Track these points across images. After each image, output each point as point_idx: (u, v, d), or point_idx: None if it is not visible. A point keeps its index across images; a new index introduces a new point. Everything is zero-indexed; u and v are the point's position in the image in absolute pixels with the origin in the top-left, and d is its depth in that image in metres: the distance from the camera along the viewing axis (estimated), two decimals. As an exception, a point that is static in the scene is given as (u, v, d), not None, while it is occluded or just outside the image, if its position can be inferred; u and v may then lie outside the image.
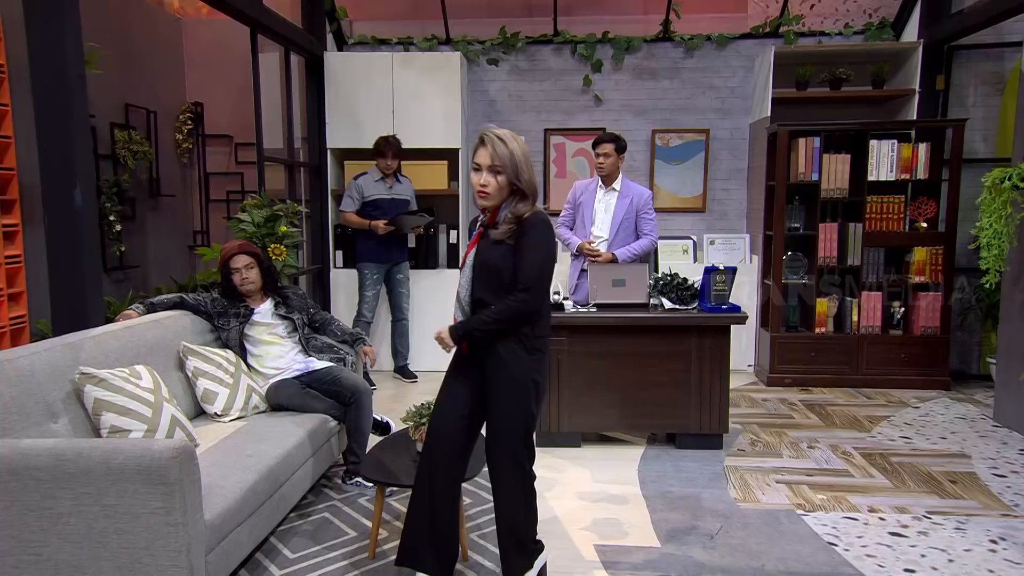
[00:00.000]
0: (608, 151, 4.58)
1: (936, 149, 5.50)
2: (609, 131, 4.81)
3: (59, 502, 2.18)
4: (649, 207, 4.67)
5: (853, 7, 6.25)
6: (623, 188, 4.69)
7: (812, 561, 2.91)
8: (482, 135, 2.44)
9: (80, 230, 3.09)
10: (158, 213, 6.19)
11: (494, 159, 2.40)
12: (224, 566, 2.48)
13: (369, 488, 3.58)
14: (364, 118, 6.00)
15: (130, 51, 5.80)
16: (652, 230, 4.67)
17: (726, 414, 4.14)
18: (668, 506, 3.44)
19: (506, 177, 2.41)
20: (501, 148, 2.40)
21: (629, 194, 4.67)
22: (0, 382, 2.37)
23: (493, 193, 2.43)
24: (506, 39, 6.34)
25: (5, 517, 2.19)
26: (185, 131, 6.45)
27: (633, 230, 4.67)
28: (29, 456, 2.18)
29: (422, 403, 3.06)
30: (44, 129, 3.04)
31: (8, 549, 2.20)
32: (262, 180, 5.06)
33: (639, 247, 4.62)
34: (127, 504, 2.18)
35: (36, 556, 2.21)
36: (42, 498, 2.18)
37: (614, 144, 4.59)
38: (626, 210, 4.64)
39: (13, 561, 2.21)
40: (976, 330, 5.96)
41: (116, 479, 2.17)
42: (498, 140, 2.41)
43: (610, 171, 4.64)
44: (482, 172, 2.42)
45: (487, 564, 2.86)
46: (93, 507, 2.18)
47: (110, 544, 2.20)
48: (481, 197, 2.45)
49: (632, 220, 4.65)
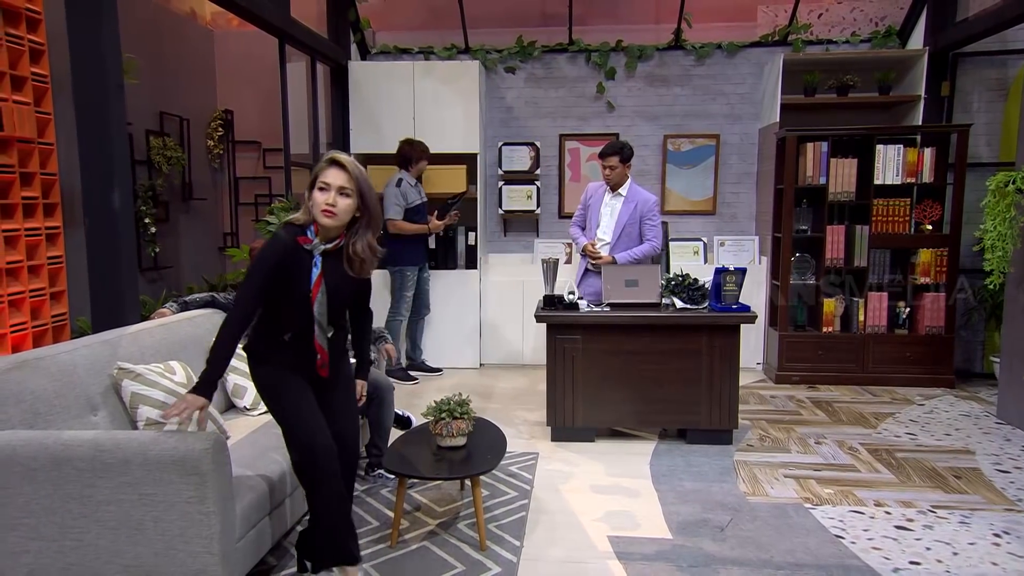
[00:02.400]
0: (614, 163, 4.54)
1: (941, 153, 5.45)
2: (615, 141, 4.75)
3: (98, 491, 2.22)
4: (653, 213, 4.61)
5: (860, 16, 6.19)
6: (629, 193, 4.64)
7: (820, 553, 2.90)
8: (333, 158, 2.42)
9: (118, 232, 3.13)
10: (190, 216, 6.25)
11: (346, 181, 2.39)
12: (253, 553, 2.50)
13: (391, 480, 3.60)
14: (386, 124, 6.03)
15: (165, 62, 5.86)
16: (655, 236, 4.60)
17: (736, 410, 4.13)
18: (679, 499, 3.44)
19: (353, 201, 2.41)
20: (355, 170, 2.41)
21: (635, 200, 4.61)
22: (43, 377, 2.41)
23: (340, 214, 2.40)
24: (523, 48, 6.35)
25: (49, 504, 2.23)
26: (216, 137, 6.50)
27: (637, 235, 4.61)
28: (71, 447, 2.21)
29: (442, 399, 3.08)
30: (85, 136, 3.08)
31: (52, 534, 2.24)
32: (289, 184, 5.10)
33: (640, 252, 4.56)
34: (162, 493, 2.21)
35: (77, 541, 2.24)
36: (83, 487, 2.21)
37: (619, 155, 4.54)
38: (630, 215, 4.59)
39: (56, 546, 2.25)
40: (980, 329, 5.90)
41: (152, 469, 2.20)
42: (350, 163, 2.42)
43: (617, 180, 4.61)
44: (330, 191, 2.38)
45: (504, 554, 2.87)
46: (131, 496, 2.21)
47: (146, 531, 2.23)
48: (327, 216, 2.39)
49: (636, 225, 4.60)
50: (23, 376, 2.34)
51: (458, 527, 3.12)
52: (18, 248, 3.84)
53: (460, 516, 3.23)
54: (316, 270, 2.44)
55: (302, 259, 2.44)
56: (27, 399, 2.33)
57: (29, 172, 3.92)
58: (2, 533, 2.24)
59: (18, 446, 2.21)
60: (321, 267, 2.45)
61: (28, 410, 2.33)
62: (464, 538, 3.01)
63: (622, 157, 4.56)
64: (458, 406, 3.05)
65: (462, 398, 3.10)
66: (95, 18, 3.03)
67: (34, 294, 3.92)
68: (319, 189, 2.40)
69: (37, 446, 2.21)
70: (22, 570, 2.26)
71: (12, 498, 2.23)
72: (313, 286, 2.43)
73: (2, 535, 2.24)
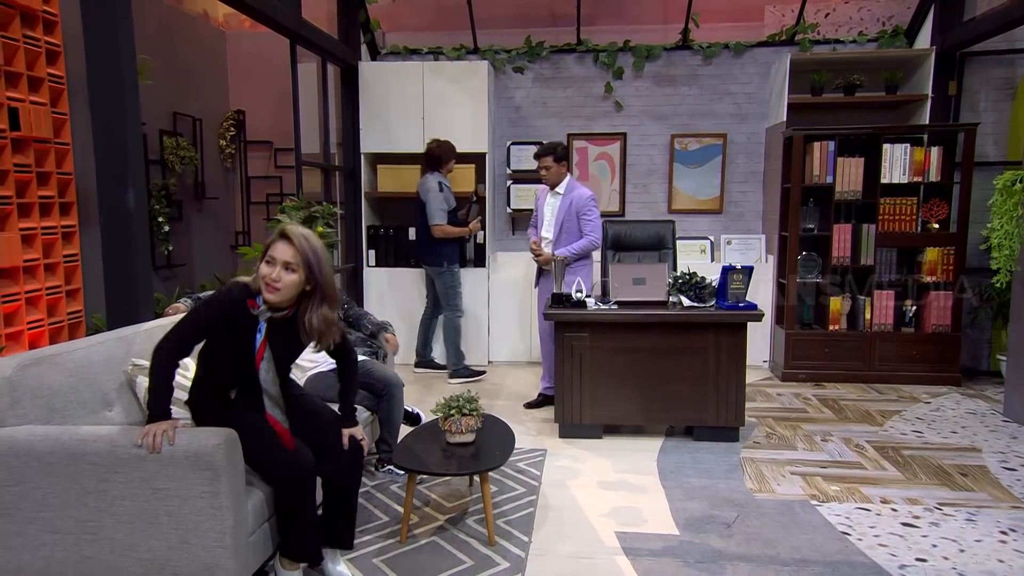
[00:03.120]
0: (548, 163, 4.62)
1: (948, 152, 5.41)
2: (548, 143, 4.78)
3: (114, 485, 2.23)
4: (588, 208, 4.63)
5: (867, 15, 6.16)
6: (566, 190, 4.70)
7: (826, 550, 2.89)
8: (283, 231, 2.38)
9: (132, 231, 3.15)
10: (203, 215, 6.28)
11: (293, 257, 2.34)
12: (264, 547, 2.51)
13: (401, 476, 3.61)
14: (396, 124, 6.04)
15: (178, 63, 5.89)
16: (592, 230, 4.63)
17: (742, 408, 4.12)
18: (686, 496, 3.43)
19: (299, 277, 2.37)
20: (302, 245, 2.35)
21: (570, 196, 4.67)
22: (59, 372, 2.43)
23: (284, 290, 2.36)
24: (531, 48, 6.34)
25: (65, 498, 2.25)
26: (228, 137, 6.53)
27: (576, 230, 4.65)
28: (87, 442, 2.23)
29: (451, 396, 3.09)
30: (100, 136, 3.10)
31: (68, 528, 2.26)
32: (300, 183, 5.11)
33: (577, 247, 4.60)
34: (176, 488, 2.22)
35: (93, 535, 2.26)
36: (98, 481, 2.23)
37: (552, 155, 4.62)
38: (565, 211, 4.64)
39: (73, 539, 2.26)
40: (987, 327, 5.86)
41: (166, 464, 2.21)
42: (302, 237, 2.37)
43: (554, 179, 4.68)
44: (275, 266, 2.34)
45: (513, 549, 2.87)
46: (145, 490, 2.23)
47: (160, 524, 2.24)
48: (269, 292, 2.36)
49: (573, 220, 4.64)
50: (40, 372, 2.36)
51: (467, 522, 3.12)
52: (35, 246, 3.87)
53: (469, 512, 3.23)
54: (260, 336, 2.41)
55: (247, 321, 2.41)
56: (44, 394, 2.35)
57: (45, 172, 3.95)
58: (20, 526, 2.27)
59: (35, 441, 2.23)
60: (265, 333, 2.42)
61: (44, 405, 2.34)
62: (473, 533, 3.02)
63: (555, 157, 4.63)
64: (467, 403, 3.05)
65: (471, 395, 3.11)
66: (110, 20, 3.05)
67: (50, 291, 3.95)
68: (266, 262, 2.36)
69: (54, 441, 2.23)
70: (40, 562, 2.28)
71: (30, 492, 2.25)
72: (257, 352, 2.41)
73: (20, 528, 2.27)
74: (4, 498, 2.26)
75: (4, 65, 3.60)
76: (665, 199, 6.45)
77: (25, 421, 2.29)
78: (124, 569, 2.27)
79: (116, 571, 2.27)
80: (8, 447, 2.23)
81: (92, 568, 2.28)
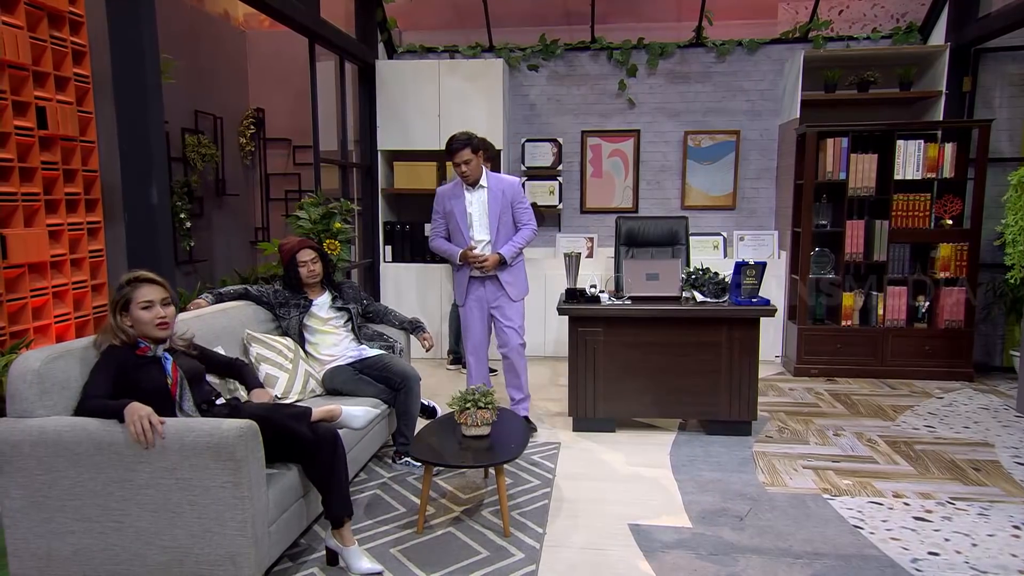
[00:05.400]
0: (467, 157, 3.98)
1: (962, 149, 5.34)
2: (458, 135, 4.02)
3: (138, 475, 2.26)
4: (522, 196, 4.20)
5: (881, 12, 6.09)
6: (491, 183, 4.13)
7: (838, 543, 2.87)
8: (139, 276, 2.50)
9: (155, 227, 3.18)
10: (223, 211, 6.32)
11: (162, 292, 2.52)
12: (285, 537, 2.54)
13: (417, 468, 3.62)
14: (412, 122, 6.05)
15: (199, 62, 5.92)
16: (529, 219, 4.18)
17: (755, 402, 4.09)
18: (699, 489, 3.42)
19: (175, 307, 2.58)
20: (160, 279, 2.54)
21: (500, 187, 4.13)
22: (86, 365, 2.45)
23: (173, 322, 2.56)
24: (546, 46, 6.32)
25: (92, 487, 2.28)
26: (248, 135, 6.57)
27: (512, 224, 4.17)
28: (113, 432, 2.25)
29: (466, 389, 3.09)
30: (124, 134, 3.13)
31: (95, 516, 2.29)
32: (318, 180, 5.14)
33: (521, 240, 4.15)
34: (199, 478, 2.24)
35: (119, 523, 2.29)
36: (124, 471, 2.26)
37: (469, 146, 3.98)
38: (501, 205, 4.11)
39: (99, 527, 2.30)
40: (1000, 323, 5.79)
41: (188, 455, 2.24)
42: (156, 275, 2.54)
43: (476, 174, 4.08)
44: (155, 306, 2.48)
45: (527, 541, 2.88)
46: (168, 480, 2.26)
47: (184, 514, 2.27)
48: (163, 329, 2.50)
49: (509, 213, 4.14)
50: (67, 365, 2.39)
51: (482, 514, 3.13)
52: (61, 242, 3.90)
53: (484, 503, 3.24)
54: (168, 362, 2.52)
55: (145, 363, 2.48)
56: (72, 387, 2.38)
57: (72, 169, 3.98)
58: (50, 513, 2.30)
59: (63, 432, 2.26)
60: (174, 359, 2.55)
61: (72, 397, 2.37)
62: (488, 524, 3.03)
63: (472, 147, 4.00)
64: (482, 396, 3.06)
65: (486, 388, 3.11)
66: (135, 20, 3.07)
67: (76, 286, 3.99)
68: (143, 308, 2.47)
69: (80, 431, 2.26)
70: (68, 549, 2.32)
71: (59, 481, 2.28)
72: (171, 386, 2.49)
73: (50, 515, 2.30)
74: (34, 487, 2.29)
75: (32, 65, 3.63)
76: (678, 195, 6.42)
77: (53, 412, 2.32)
78: (149, 557, 2.30)
79: (141, 558, 2.31)
80: (38, 437, 2.26)
81: (118, 555, 2.31)
